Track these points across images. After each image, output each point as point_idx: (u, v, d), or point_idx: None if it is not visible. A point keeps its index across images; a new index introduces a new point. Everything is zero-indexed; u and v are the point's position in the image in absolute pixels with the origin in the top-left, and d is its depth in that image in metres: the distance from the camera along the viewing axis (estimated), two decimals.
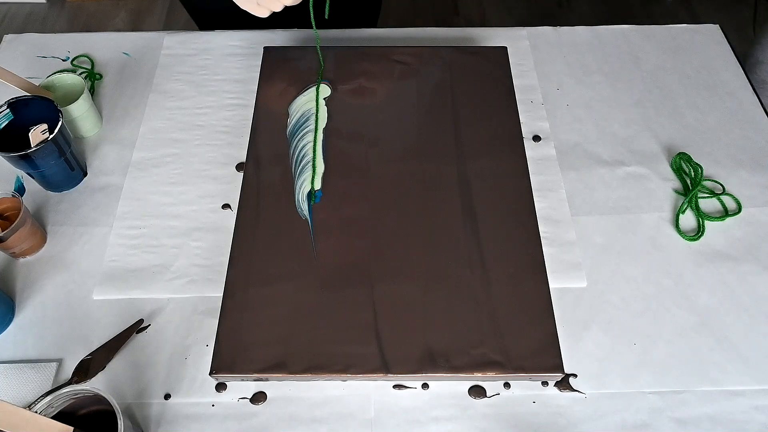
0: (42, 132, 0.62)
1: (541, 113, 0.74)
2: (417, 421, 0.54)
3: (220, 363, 0.53)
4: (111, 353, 0.57)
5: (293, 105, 0.70)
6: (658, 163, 0.70)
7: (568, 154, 0.71)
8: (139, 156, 0.71)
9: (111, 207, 0.67)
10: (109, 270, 0.62)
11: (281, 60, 0.75)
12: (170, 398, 0.55)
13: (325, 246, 0.59)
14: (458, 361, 0.53)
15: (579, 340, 0.58)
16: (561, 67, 0.79)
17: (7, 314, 0.59)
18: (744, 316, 0.59)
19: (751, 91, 0.76)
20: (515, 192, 0.63)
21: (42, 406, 0.46)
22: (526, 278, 0.57)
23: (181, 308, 0.60)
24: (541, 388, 0.55)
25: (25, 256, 0.63)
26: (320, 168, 0.65)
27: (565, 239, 0.64)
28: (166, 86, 0.78)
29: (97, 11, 2.04)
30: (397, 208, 0.62)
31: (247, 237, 0.60)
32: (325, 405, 0.55)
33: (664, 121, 0.74)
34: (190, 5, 0.94)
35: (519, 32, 0.83)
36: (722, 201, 0.67)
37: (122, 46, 0.82)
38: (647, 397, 0.55)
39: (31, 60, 0.81)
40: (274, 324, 0.55)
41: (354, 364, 0.53)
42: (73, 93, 0.71)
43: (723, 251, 0.63)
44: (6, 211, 0.63)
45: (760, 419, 0.54)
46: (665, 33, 0.82)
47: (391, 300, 0.56)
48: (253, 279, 0.57)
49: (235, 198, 0.64)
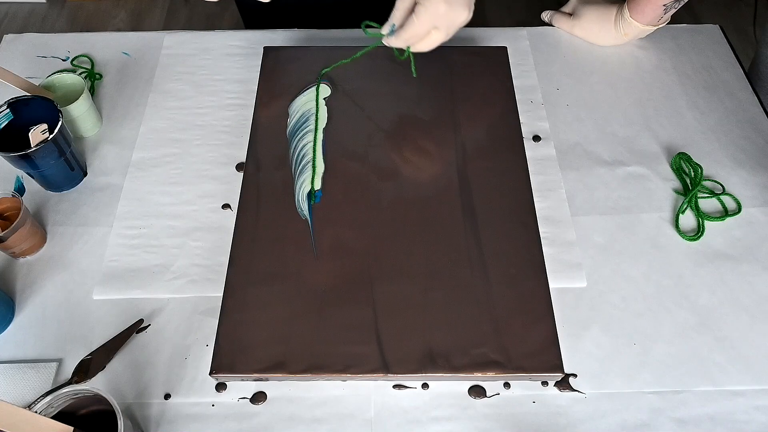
0: (42, 132, 0.62)
1: (541, 113, 0.74)
2: (417, 421, 0.54)
3: (220, 363, 0.53)
4: (111, 353, 0.57)
5: (293, 105, 0.70)
6: (658, 163, 0.70)
7: (568, 154, 0.71)
8: (139, 156, 0.71)
9: (111, 207, 0.67)
10: (109, 270, 0.62)
11: (281, 60, 0.75)
12: (170, 398, 0.55)
13: (325, 246, 0.59)
14: (458, 361, 0.53)
15: (579, 340, 0.58)
16: (561, 67, 0.79)
17: (7, 314, 0.59)
18: (744, 316, 0.59)
19: (751, 91, 0.76)
20: (515, 192, 0.63)
21: (42, 406, 0.46)
22: (526, 278, 0.57)
23: (181, 308, 0.60)
24: (541, 388, 0.55)
25: (25, 256, 0.63)
26: (320, 168, 0.65)
27: (565, 239, 0.64)
28: (166, 86, 0.78)
29: (97, 11, 2.04)
30: (397, 209, 0.62)
31: (247, 237, 0.60)
32: (325, 405, 0.55)
33: (664, 121, 0.74)
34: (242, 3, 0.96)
35: (519, 32, 0.83)
36: (722, 201, 0.67)
37: (122, 46, 0.82)
38: (647, 397, 0.55)
39: (31, 60, 0.81)
40: (274, 324, 0.55)
41: (354, 364, 0.53)
42: (73, 93, 0.71)
43: (723, 251, 0.63)
44: (6, 211, 0.63)
45: (760, 419, 0.54)
46: (665, 33, 0.82)
47: (391, 300, 0.56)
48: (253, 279, 0.57)
49: (235, 198, 0.64)
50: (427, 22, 0.60)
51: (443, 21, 0.61)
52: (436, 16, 0.60)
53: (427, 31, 0.61)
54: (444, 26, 0.61)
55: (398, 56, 0.67)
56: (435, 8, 0.59)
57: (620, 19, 0.77)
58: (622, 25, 0.78)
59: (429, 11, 0.60)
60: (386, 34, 0.64)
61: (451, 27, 0.62)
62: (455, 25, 0.62)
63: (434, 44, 0.63)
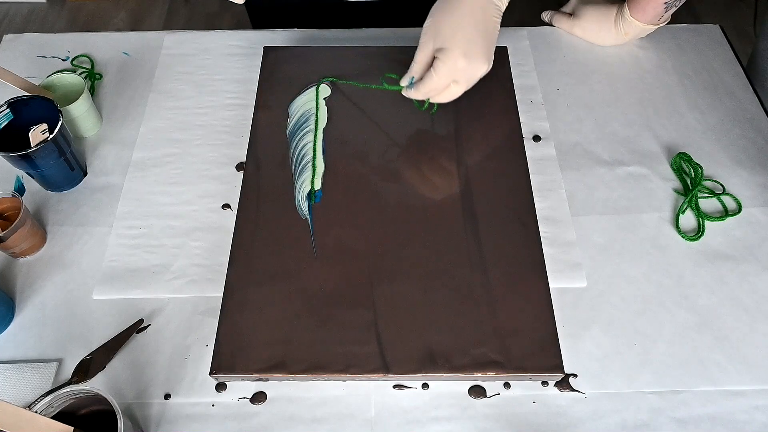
0: (42, 132, 0.62)
1: (541, 113, 0.74)
2: (417, 421, 0.54)
3: (220, 363, 0.53)
4: (111, 353, 0.57)
5: (293, 105, 0.70)
6: (658, 163, 0.70)
7: (568, 154, 0.71)
8: (139, 156, 0.71)
9: (111, 207, 0.67)
10: (109, 270, 0.62)
11: (281, 60, 0.75)
12: (170, 398, 0.55)
13: (325, 246, 0.59)
14: (458, 361, 0.53)
15: (579, 340, 0.58)
16: (561, 67, 0.79)
17: (7, 314, 0.59)
18: (744, 316, 0.59)
19: (751, 91, 0.76)
20: (515, 192, 0.63)
21: (42, 406, 0.46)
22: (526, 278, 0.57)
23: (181, 308, 0.60)
24: (541, 388, 0.55)
25: (25, 256, 0.63)
26: (320, 168, 0.65)
27: (565, 239, 0.64)
28: (166, 86, 0.78)
29: (97, 11, 2.04)
30: (398, 208, 0.62)
31: (247, 237, 0.60)
32: (325, 405, 0.55)
33: (664, 121, 0.74)
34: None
35: (519, 32, 0.83)
36: (722, 201, 0.67)
37: (122, 46, 0.82)
38: (647, 397, 0.55)
39: (31, 60, 0.81)
40: (274, 324, 0.55)
41: (354, 364, 0.53)
42: (73, 93, 0.71)
43: (723, 251, 0.63)
44: (6, 211, 0.63)
45: (760, 419, 0.54)
46: (665, 33, 0.82)
47: (391, 300, 0.56)
48: (253, 279, 0.57)
49: (235, 198, 0.64)
50: (446, 76, 0.60)
51: (462, 75, 0.60)
52: (455, 71, 0.59)
53: (446, 85, 0.60)
54: (464, 80, 0.60)
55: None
56: (454, 63, 0.58)
57: (620, 19, 0.77)
58: (622, 25, 0.78)
59: (448, 66, 0.59)
60: (405, 86, 0.64)
61: (471, 80, 0.61)
62: (475, 78, 0.61)
63: (454, 96, 0.62)
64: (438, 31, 0.59)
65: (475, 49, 0.59)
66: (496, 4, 0.60)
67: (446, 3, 0.60)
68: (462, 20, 0.59)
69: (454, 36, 0.58)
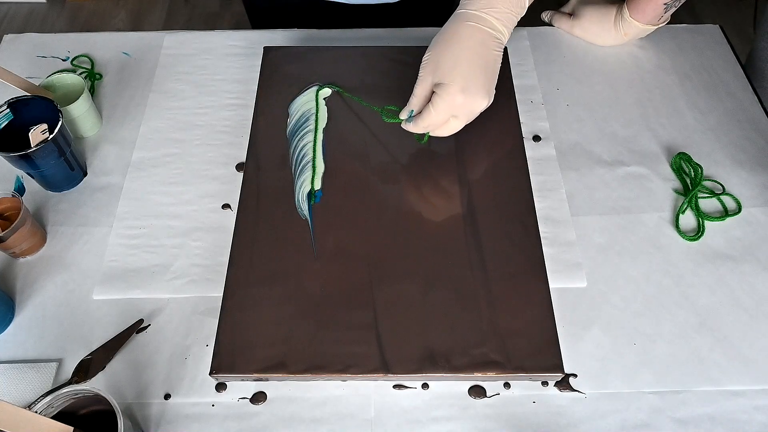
0: (42, 132, 0.62)
1: (541, 113, 0.74)
2: (417, 421, 0.54)
3: (220, 363, 0.53)
4: (111, 353, 0.57)
5: (293, 105, 0.70)
6: (658, 163, 0.70)
7: (568, 154, 0.71)
8: (139, 156, 0.71)
9: (111, 207, 0.67)
10: (109, 270, 0.62)
11: (281, 60, 0.75)
12: (170, 398, 0.55)
13: (325, 246, 0.59)
14: (458, 361, 0.53)
15: (579, 340, 0.58)
16: (561, 67, 0.79)
17: (7, 314, 0.59)
18: (744, 316, 0.59)
19: (751, 91, 0.76)
20: (515, 192, 0.63)
21: (42, 406, 0.46)
22: (526, 278, 0.57)
23: (181, 308, 0.60)
24: (541, 388, 0.55)
25: (25, 256, 0.63)
26: (320, 168, 0.65)
27: (565, 239, 0.64)
28: (166, 86, 0.78)
29: (97, 11, 2.04)
30: (398, 208, 0.62)
31: (247, 237, 0.60)
32: (325, 405, 0.55)
33: (664, 121, 0.74)
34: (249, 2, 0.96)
35: (519, 32, 0.83)
36: (722, 201, 0.67)
37: (122, 46, 0.82)
38: (647, 397, 0.55)
39: (31, 60, 0.81)
40: (274, 324, 0.55)
41: (354, 364, 0.53)
42: (73, 93, 0.71)
43: (723, 251, 0.63)
44: (6, 211, 0.63)
45: (760, 419, 0.54)
46: (665, 33, 0.82)
47: (391, 300, 0.56)
48: (253, 279, 0.57)
49: (235, 198, 0.64)
50: (445, 112, 0.59)
51: (461, 111, 0.59)
52: (454, 107, 0.58)
53: (445, 120, 0.60)
54: (463, 115, 0.60)
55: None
56: (452, 99, 0.58)
57: (620, 19, 0.77)
58: (622, 25, 0.78)
59: (446, 102, 0.58)
60: (405, 120, 0.63)
61: (470, 115, 0.60)
62: (475, 113, 0.60)
63: (454, 131, 0.61)
64: (437, 65, 0.59)
65: (474, 84, 0.58)
66: (496, 38, 0.59)
67: (446, 36, 0.59)
68: (461, 54, 0.58)
69: (453, 71, 0.58)
